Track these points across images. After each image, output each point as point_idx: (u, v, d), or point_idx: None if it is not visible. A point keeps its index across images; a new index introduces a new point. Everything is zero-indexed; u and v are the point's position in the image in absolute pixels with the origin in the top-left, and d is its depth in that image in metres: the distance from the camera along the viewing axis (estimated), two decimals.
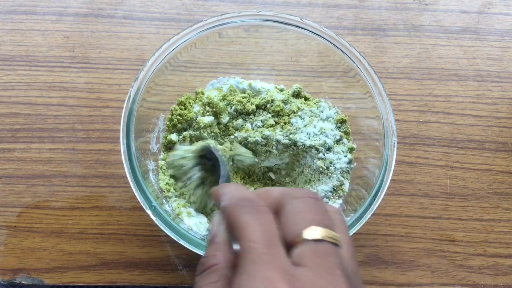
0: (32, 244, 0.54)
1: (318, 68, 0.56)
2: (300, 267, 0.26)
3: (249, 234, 0.27)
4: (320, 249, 0.26)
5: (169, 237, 0.43)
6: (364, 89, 0.50)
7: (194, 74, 0.56)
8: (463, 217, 0.58)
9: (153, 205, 0.44)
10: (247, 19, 0.49)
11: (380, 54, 0.63)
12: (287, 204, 0.29)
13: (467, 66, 0.63)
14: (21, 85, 0.59)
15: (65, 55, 0.60)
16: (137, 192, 0.44)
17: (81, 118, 0.58)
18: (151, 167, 0.50)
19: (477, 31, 0.65)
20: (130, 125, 0.45)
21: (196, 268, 0.29)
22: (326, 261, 0.26)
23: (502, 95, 0.63)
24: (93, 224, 0.55)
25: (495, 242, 0.57)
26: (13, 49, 0.60)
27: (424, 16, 0.65)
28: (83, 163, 0.57)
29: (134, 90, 0.46)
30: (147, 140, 0.51)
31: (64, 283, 0.53)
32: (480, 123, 0.61)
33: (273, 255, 0.26)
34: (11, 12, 0.62)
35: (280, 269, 0.25)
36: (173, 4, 0.63)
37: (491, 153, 0.60)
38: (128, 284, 0.54)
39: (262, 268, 0.25)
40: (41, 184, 0.56)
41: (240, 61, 0.57)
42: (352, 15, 0.64)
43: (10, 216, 0.55)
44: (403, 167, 0.59)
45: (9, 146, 0.57)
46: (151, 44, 0.61)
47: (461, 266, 0.56)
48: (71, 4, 0.62)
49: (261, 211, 0.28)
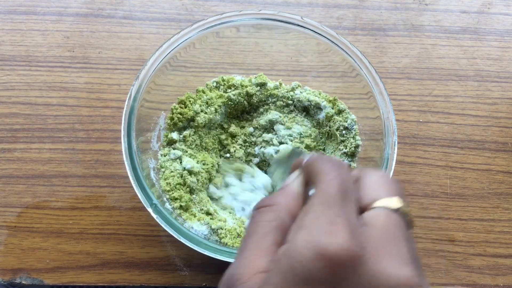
0: (32, 244, 0.54)
1: (318, 68, 0.56)
2: (368, 226, 0.25)
3: (327, 180, 0.27)
4: (395, 219, 0.26)
5: (170, 236, 0.43)
6: (365, 88, 0.50)
7: (194, 74, 0.56)
8: (463, 217, 0.58)
9: (154, 203, 0.44)
10: (248, 18, 0.49)
11: (380, 54, 0.63)
12: (367, 175, 0.29)
13: (467, 66, 0.63)
14: (21, 85, 0.59)
15: (65, 55, 0.60)
16: (138, 190, 0.44)
17: (81, 118, 0.58)
18: (152, 165, 0.50)
19: (477, 31, 0.65)
20: (131, 123, 0.45)
21: (257, 203, 0.29)
22: (396, 230, 0.26)
23: (502, 95, 0.63)
24: (93, 224, 0.55)
25: (495, 242, 0.57)
26: (13, 49, 0.60)
27: (424, 16, 0.65)
28: (83, 163, 0.57)
29: (135, 89, 0.46)
30: (148, 139, 0.51)
31: (64, 283, 0.53)
32: (480, 123, 0.61)
33: (344, 205, 0.25)
34: (11, 12, 0.62)
35: (347, 219, 0.25)
36: (173, 4, 0.63)
37: (491, 153, 0.60)
38: (128, 284, 0.54)
39: (330, 212, 0.25)
40: (41, 184, 0.56)
41: (240, 61, 0.57)
42: (352, 15, 0.64)
43: (10, 216, 0.55)
44: (403, 167, 0.59)
45: (9, 146, 0.57)
46: (151, 44, 0.61)
47: (461, 266, 0.56)
48: (71, 4, 0.62)
49: (344, 168, 0.28)
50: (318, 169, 0.28)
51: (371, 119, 0.51)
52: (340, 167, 0.28)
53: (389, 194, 0.27)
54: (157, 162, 0.51)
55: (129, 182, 0.51)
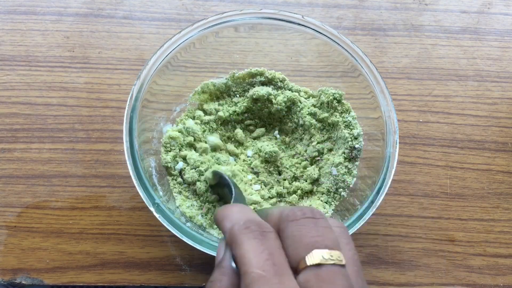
0: (32, 244, 0.54)
1: (318, 68, 0.56)
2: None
3: (258, 261, 0.26)
4: (324, 273, 0.26)
5: (170, 236, 0.43)
6: (366, 88, 0.50)
7: (194, 74, 0.56)
8: (463, 217, 0.58)
9: (156, 202, 0.44)
10: (249, 17, 0.49)
11: (380, 54, 0.63)
12: (286, 229, 0.28)
13: (467, 66, 0.63)
14: (21, 85, 0.59)
15: (65, 55, 0.60)
16: (140, 189, 0.44)
17: (81, 118, 0.58)
18: (153, 164, 0.50)
19: (477, 31, 0.65)
20: (133, 122, 0.45)
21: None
22: (332, 285, 0.25)
23: (502, 95, 0.63)
24: (93, 224, 0.55)
25: (495, 242, 0.57)
26: (13, 49, 0.60)
27: (424, 16, 0.65)
28: (83, 163, 0.57)
29: (136, 88, 0.46)
30: (149, 139, 0.51)
31: (64, 283, 0.53)
32: (480, 123, 0.61)
33: (284, 283, 0.25)
34: (11, 12, 0.61)
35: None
36: (173, 4, 0.63)
37: (491, 153, 0.60)
38: (128, 284, 0.53)
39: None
40: (41, 184, 0.56)
41: (240, 61, 0.57)
42: (352, 15, 0.64)
43: (10, 216, 0.55)
44: (403, 167, 0.59)
45: (9, 146, 0.57)
46: (151, 44, 0.61)
47: (461, 266, 0.56)
48: (71, 4, 0.62)
49: (268, 236, 0.27)
50: (243, 249, 0.27)
51: (371, 118, 0.51)
52: (266, 238, 0.27)
53: (307, 249, 0.27)
54: (158, 162, 0.51)
55: (129, 182, 0.51)
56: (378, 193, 0.46)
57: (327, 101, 0.53)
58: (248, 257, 0.26)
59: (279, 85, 0.56)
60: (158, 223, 0.44)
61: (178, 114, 0.55)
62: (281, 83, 0.56)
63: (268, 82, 0.56)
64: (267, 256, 0.26)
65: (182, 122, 0.54)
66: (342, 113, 0.53)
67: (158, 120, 0.53)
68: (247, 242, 0.27)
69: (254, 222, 0.28)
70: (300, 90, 0.56)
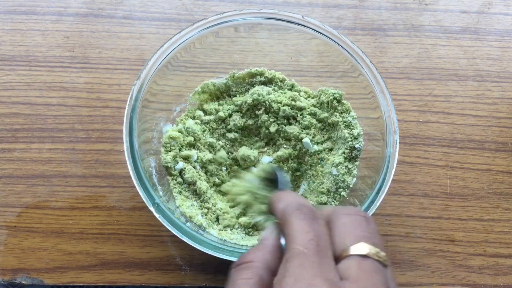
0: (32, 244, 0.54)
1: (318, 68, 0.56)
2: (346, 280, 0.26)
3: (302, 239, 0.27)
4: (366, 265, 0.26)
5: (170, 236, 0.43)
6: (366, 88, 0.50)
7: (194, 74, 0.56)
8: (463, 217, 0.58)
9: (156, 202, 0.44)
10: (249, 17, 0.49)
11: (380, 54, 0.63)
12: (337, 219, 0.29)
13: (467, 66, 0.63)
14: (21, 85, 0.59)
15: (65, 55, 0.60)
16: (140, 189, 0.44)
17: (81, 118, 0.58)
18: (153, 164, 0.50)
19: (477, 31, 0.65)
20: (133, 122, 0.45)
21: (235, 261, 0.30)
22: (371, 277, 0.26)
23: (502, 95, 0.63)
24: (93, 224, 0.55)
25: (495, 242, 0.57)
26: (13, 49, 0.60)
27: (424, 16, 0.65)
28: (83, 163, 0.57)
29: (136, 88, 0.47)
30: (149, 139, 0.51)
31: (64, 283, 0.53)
32: (480, 123, 0.61)
33: (322, 264, 0.26)
34: (11, 12, 0.61)
35: (326, 279, 0.25)
36: (173, 4, 0.63)
37: (491, 153, 0.60)
38: (128, 284, 0.53)
39: (309, 275, 0.25)
40: (41, 184, 0.56)
41: (240, 61, 0.57)
42: (352, 15, 0.64)
43: (10, 216, 0.55)
44: (403, 167, 0.59)
45: (9, 146, 0.57)
46: (151, 44, 0.61)
47: (461, 266, 0.56)
48: (71, 4, 0.62)
49: (317, 220, 0.29)
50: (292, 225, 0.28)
51: (371, 118, 0.51)
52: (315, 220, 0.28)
53: (356, 239, 0.28)
54: (158, 162, 0.52)
55: (129, 182, 0.51)
56: (378, 193, 0.46)
57: (327, 101, 0.53)
58: (294, 234, 0.27)
59: (279, 85, 0.56)
60: (158, 223, 0.44)
61: (178, 114, 0.55)
62: (281, 83, 0.56)
63: (268, 82, 0.56)
64: (312, 236, 0.27)
65: (182, 122, 0.54)
66: (342, 113, 0.53)
67: (158, 120, 0.53)
68: (297, 222, 0.28)
69: (306, 206, 0.30)
70: (300, 90, 0.56)
